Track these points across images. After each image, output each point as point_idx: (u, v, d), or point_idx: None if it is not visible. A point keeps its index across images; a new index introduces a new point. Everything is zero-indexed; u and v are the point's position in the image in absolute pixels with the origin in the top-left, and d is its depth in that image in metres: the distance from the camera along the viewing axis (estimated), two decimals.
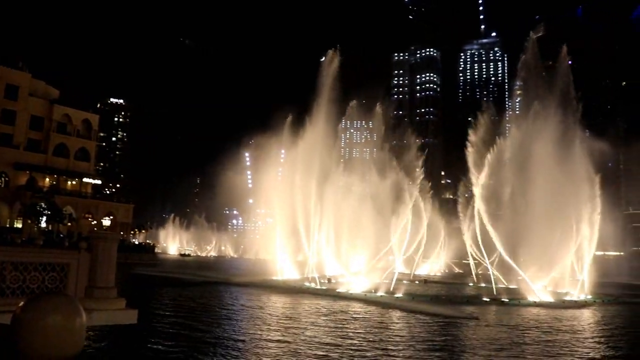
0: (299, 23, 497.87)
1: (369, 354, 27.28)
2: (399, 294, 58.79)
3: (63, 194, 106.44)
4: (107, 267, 16.69)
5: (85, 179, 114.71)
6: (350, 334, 32.93)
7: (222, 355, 26.04)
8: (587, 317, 46.95)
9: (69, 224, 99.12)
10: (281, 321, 38.06)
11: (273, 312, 43.74)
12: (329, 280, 72.92)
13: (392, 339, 31.85)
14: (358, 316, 42.00)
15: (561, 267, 65.50)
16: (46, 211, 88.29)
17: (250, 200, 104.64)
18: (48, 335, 3.03)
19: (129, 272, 74.18)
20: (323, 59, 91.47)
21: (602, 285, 68.20)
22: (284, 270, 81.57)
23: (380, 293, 59.70)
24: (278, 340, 30.13)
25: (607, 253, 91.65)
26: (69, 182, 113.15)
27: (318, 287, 66.65)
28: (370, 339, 31.42)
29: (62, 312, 3.09)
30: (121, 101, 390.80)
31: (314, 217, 77.32)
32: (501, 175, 78.11)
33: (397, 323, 39.51)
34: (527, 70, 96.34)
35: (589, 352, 29.95)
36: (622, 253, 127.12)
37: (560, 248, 64.65)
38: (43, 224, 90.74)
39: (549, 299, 58.24)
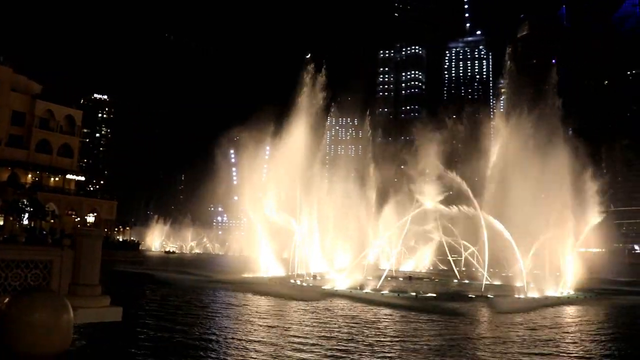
0: (285, 19, 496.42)
1: (353, 352, 27.25)
2: (384, 291, 58.94)
3: (46, 190, 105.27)
4: (92, 264, 16.51)
5: (68, 176, 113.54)
6: (335, 332, 32.90)
7: (203, 355, 25.89)
8: (570, 313, 47.39)
9: (52, 220, 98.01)
10: (265, 319, 37.93)
11: (257, 310, 43.59)
12: (315, 277, 72.93)
13: (376, 337, 31.87)
14: (343, 313, 42.03)
15: (544, 264, 66.01)
16: (28, 208, 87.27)
17: (235, 197, 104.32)
18: (35, 332, 2.95)
19: (113, 269, 73.65)
20: (308, 55, 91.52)
21: (584, 281, 68.84)
22: (269, 267, 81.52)
23: (366, 290, 59.85)
24: (261, 340, 29.99)
25: (589, 250, 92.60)
26: (52, 179, 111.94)
27: (304, 284, 66.66)
28: (355, 337, 31.41)
29: (48, 309, 3.02)
30: (105, 97, 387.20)
31: (298, 215, 77.39)
32: (483, 172, 78.72)
33: (383, 320, 39.55)
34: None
35: (573, 348, 30.21)
36: (603, 250, 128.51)
37: (542, 245, 65.18)
38: (25, 221, 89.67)
39: (534, 295, 58.75)
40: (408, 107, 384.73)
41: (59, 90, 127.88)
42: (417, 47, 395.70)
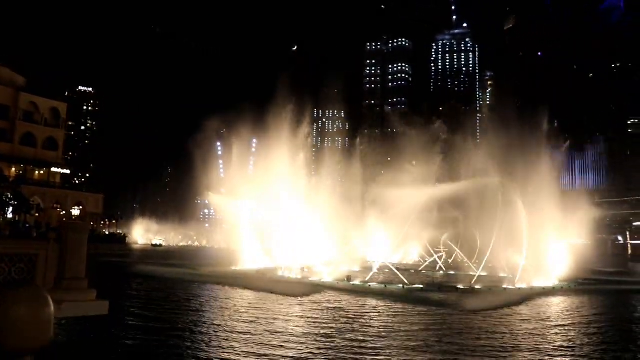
0: (272, 10, 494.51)
1: (340, 346, 27.21)
2: (372, 283, 59.13)
3: (30, 183, 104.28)
4: (77, 258, 16.38)
5: (53, 169, 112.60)
6: (322, 325, 32.88)
7: (188, 347, 25.82)
8: (556, 304, 47.79)
9: (37, 214, 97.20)
10: (250, 312, 37.79)
11: (243, 303, 43.43)
12: (302, 269, 72.92)
13: (363, 330, 31.85)
14: (330, 306, 42.02)
15: (530, 255, 66.43)
16: (12, 202, 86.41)
17: (223, 190, 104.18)
18: (15, 327, 2.90)
19: (100, 262, 73.20)
20: (295, 47, 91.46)
21: (570, 272, 69.53)
22: (256, 259, 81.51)
23: (353, 282, 59.99)
24: (245, 332, 29.82)
25: (574, 241, 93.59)
26: (37, 172, 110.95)
27: (292, 276, 66.69)
28: (342, 330, 31.41)
29: (29, 303, 2.96)
30: (90, 89, 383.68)
31: (286, 208, 77.37)
32: (465, 164, 79.11)
33: (370, 313, 39.63)
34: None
35: (559, 339, 30.48)
36: (587, 241, 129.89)
37: (528, 237, 65.55)
38: (9, 215, 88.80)
39: (521, 285, 59.23)
40: (395, 99, 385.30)
41: (43, 83, 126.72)
42: (403, 40, 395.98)
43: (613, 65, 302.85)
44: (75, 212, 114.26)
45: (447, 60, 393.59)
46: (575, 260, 73.38)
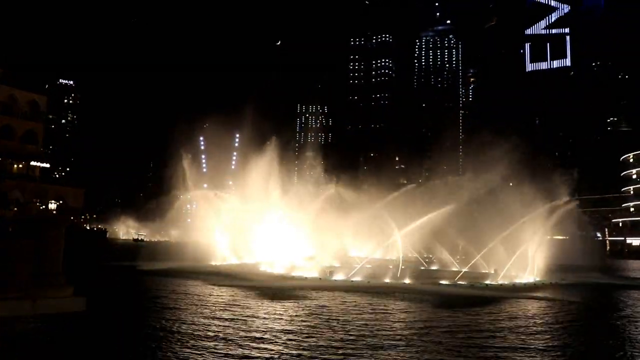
0: (257, 4, 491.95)
1: (318, 347, 26.76)
2: (354, 279, 59.04)
3: (9, 177, 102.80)
4: (54, 253, 16.00)
5: (32, 162, 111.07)
6: (300, 323, 32.52)
7: (159, 349, 25.17)
8: (537, 300, 48.03)
9: (15, 208, 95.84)
10: (230, 309, 37.06)
11: (222, 299, 42.61)
12: (285, 265, 72.60)
13: (343, 327, 31.50)
14: (311, 303, 41.65)
15: (511, 252, 66.89)
16: None
17: (205, 185, 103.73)
18: None
19: (79, 258, 72.34)
20: (278, 42, 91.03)
21: (550, 267, 70.13)
22: (239, 255, 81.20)
23: (336, 277, 59.87)
24: (223, 331, 29.02)
25: (555, 237, 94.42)
26: (16, 166, 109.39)
27: (274, 272, 66.40)
28: (320, 328, 31.04)
29: None
30: (71, 83, 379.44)
31: (269, 202, 77.17)
32: (454, 163, 79.44)
33: (351, 310, 39.35)
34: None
35: (540, 336, 30.57)
36: (567, 237, 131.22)
37: (509, 232, 65.98)
38: None
39: (502, 282, 59.59)
40: (378, 95, 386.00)
41: (22, 75, 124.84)
42: (387, 36, 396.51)
43: (593, 64, 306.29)
44: (53, 205, 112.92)
45: (431, 57, 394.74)
46: (555, 257, 74.08)
